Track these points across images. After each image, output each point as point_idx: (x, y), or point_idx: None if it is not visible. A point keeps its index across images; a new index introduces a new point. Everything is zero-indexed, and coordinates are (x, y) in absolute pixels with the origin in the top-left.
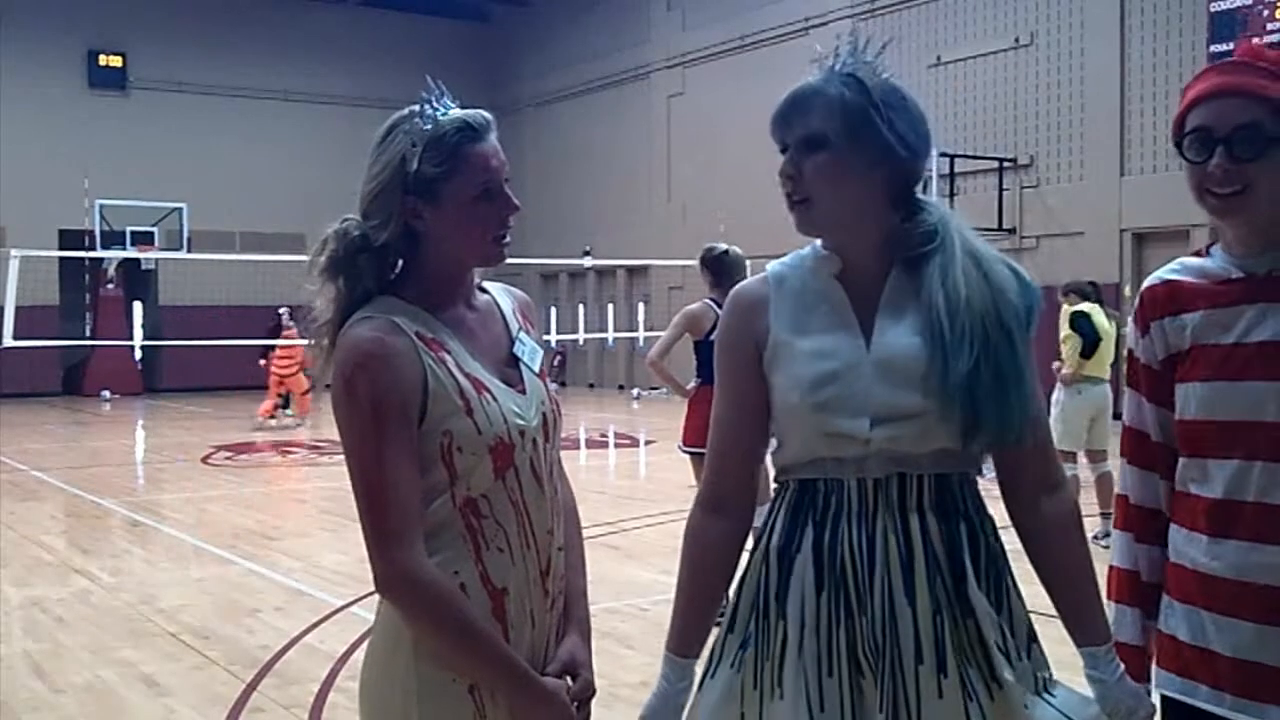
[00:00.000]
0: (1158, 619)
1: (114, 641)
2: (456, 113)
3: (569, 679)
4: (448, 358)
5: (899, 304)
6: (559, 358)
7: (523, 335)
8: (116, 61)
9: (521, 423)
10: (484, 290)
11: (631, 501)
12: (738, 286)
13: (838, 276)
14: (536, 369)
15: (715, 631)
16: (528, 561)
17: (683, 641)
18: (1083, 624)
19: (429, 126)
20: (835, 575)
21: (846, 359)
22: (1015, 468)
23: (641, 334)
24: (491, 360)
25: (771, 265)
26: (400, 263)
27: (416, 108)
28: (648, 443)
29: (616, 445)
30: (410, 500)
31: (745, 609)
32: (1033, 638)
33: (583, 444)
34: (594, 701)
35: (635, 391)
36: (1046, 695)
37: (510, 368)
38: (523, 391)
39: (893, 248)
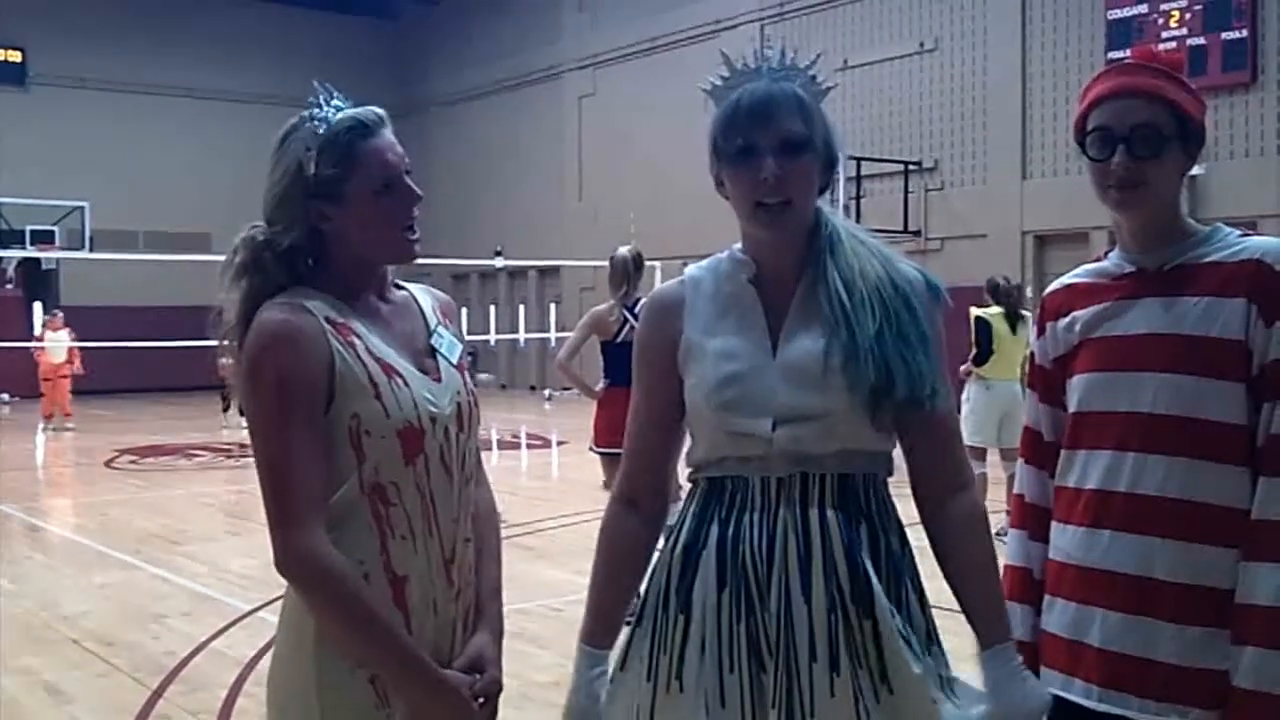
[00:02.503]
0: None
1: (14, 650)
2: (348, 112)
3: (476, 675)
4: (357, 341)
5: (809, 308)
6: (470, 358)
7: (440, 329)
8: (15, 56)
9: (434, 409)
10: (401, 288)
11: (544, 502)
12: (656, 289)
13: (752, 280)
14: (455, 361)
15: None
16: (430, 549)
17: (592, 632)
18: (985, 623)
19: (322, 129)
20: (737, 571)
21: (752, 361)
22: (923, 466)
23: (553, 335)
24: (407, 349)
25: (689, 268)
26: (312, 262)
27: (308, 112)
28: (560, 443)
29: (529, 446)
30: (314, 482)
31: (650, 605)
32: (932, 639)
33: (495, 445)
34: (505, 702)
35: (547, 392)
36: (950, 696)
37: (428, 358)
38: (438, 380)
39: (807, 247)
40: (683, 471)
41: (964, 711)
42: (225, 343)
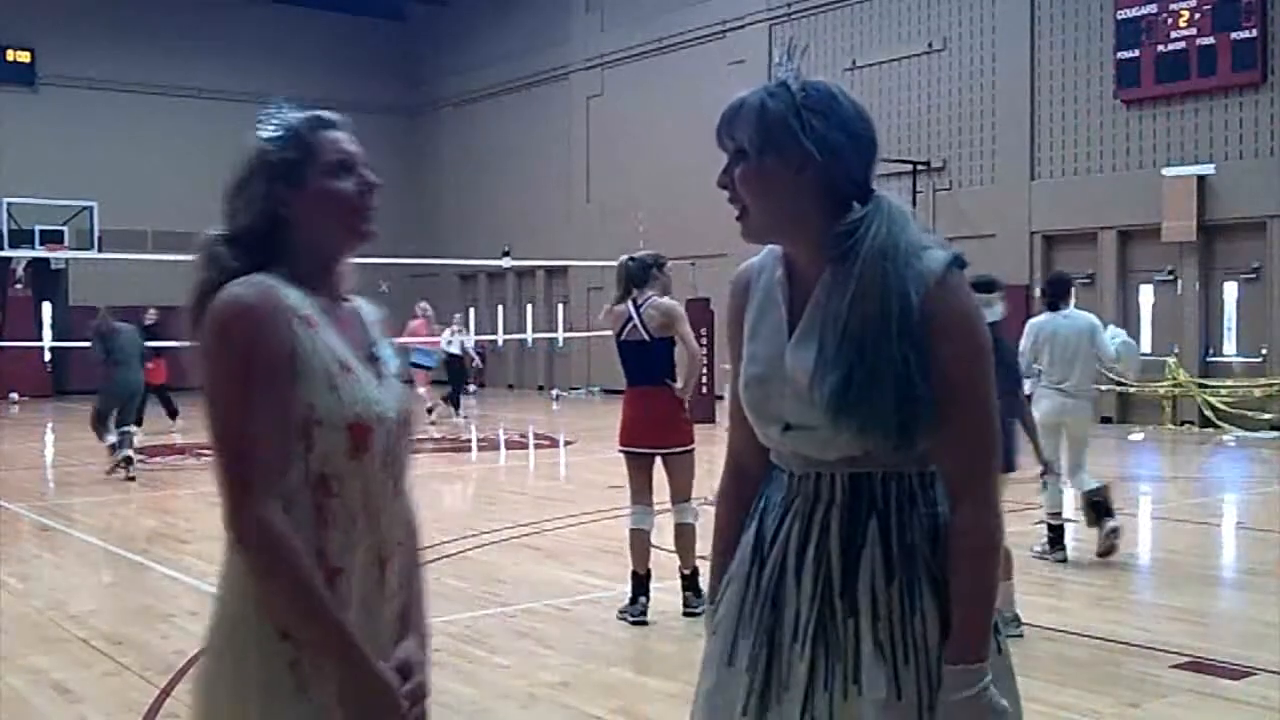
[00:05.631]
0: None
1: (23, 648)
2: (306, 112)
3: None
4: (318, 334)
5: (815, 314)
6: (479, 357)
7: (381, 343)
8: (24, 57)
9: (379, 409)
10: (347, 299)
11: (551, 502)
12: (740, 267)
13: (785, 279)
14: (395, 373)
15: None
16: (367, 548)
17: (709, 590)
18: (952, 639)
19: (282, 118)
20: (759, 549)
21: (770, 366)
22: (940, 470)
23: (560, 335)
24: (356, 351)
25: (763, 252)
26: (268, 258)
27: (268, 111)
28: (567, 443)
29: (536, 446)
30: (272, 453)
31: (730, 569)
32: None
33: (502, 445)
34: (513, 701)
35: (554, 392)
36: (927, 713)
37: (372, 364)
38: (383, 384)
39: (825, 250)
40: None
41: None
42: (187, 323)
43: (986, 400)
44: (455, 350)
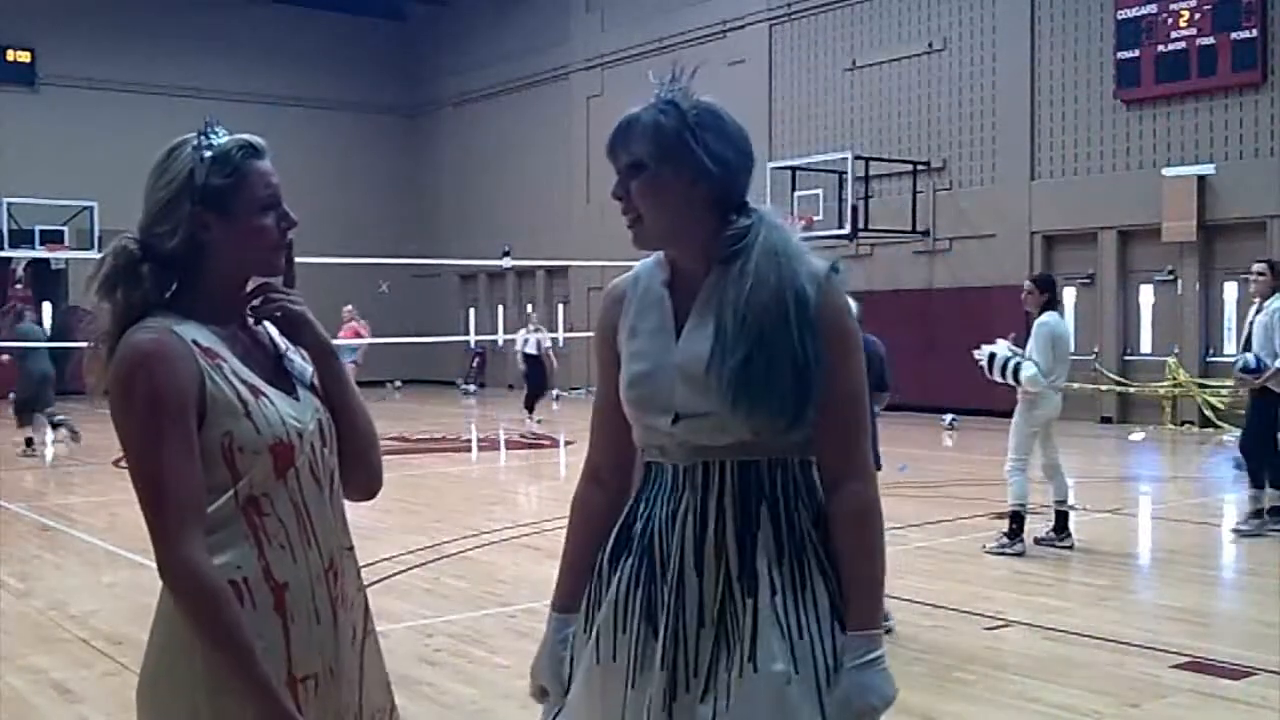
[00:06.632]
0: None
1: (23, 649)
2: (236, 136)
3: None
4: (224, 365)
5: (706, 308)
6: (477, 359)
7: (290, 354)
8: (25, 57)
9: (299, 425)
10: (248, 318)
11: (552, 502)
12: (611, 282)
13: (668, 282)
14: (308, 383)
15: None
16: (309, 558)
17: (558, 596)
18: (848, 611)
19: (213, 143)
20: (644, 545)
21: (657, 361)
22: (818, 452)
23: (561, 335)
24: (264, 372)
25: (638, 264)
26: (178, 281)
27: (193, 134)
28: (567, 444)
29: (536, 446)
30: (192, 494)
31: (596, 571)
32: (838, 622)
33: (502, 445)
34: (513, 701)
35: (554, 393)
36: (824, 685)
37: (282, 379)
38: (297, 399)
39: (712, 253)
40: None
41: (813, 699)
42: (95, 348)
43: (862, 388)
44: (531, 350)
